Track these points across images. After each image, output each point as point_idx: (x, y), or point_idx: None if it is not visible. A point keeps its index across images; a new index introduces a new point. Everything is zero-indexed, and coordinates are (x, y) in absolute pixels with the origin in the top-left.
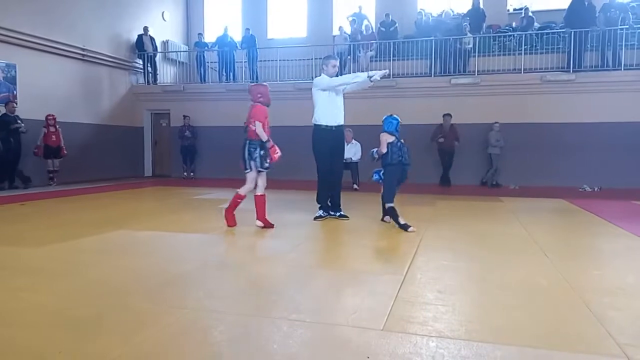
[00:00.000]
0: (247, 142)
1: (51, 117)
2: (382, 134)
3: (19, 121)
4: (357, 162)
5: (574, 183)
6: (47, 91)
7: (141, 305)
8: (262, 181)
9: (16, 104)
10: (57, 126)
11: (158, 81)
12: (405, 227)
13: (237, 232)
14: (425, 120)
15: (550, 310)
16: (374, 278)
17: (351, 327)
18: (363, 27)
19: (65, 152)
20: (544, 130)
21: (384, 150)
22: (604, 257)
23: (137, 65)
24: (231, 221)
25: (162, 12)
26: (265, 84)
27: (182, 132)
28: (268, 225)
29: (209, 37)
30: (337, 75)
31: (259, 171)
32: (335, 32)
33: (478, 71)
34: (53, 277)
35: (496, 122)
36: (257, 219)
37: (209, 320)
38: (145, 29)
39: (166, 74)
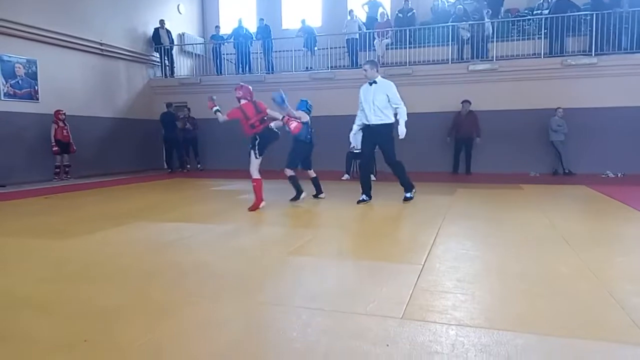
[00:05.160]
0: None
1: (61, 113)
2: (298, 110)
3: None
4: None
5: (596, 169)
6: (67, 85)
7: (163, 295)
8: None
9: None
10: (66, 121)
11: (175, 74)
12: (298, 197)
13: (255, 222)
14: (442, 108)
15: (573, 298)
16: (393, 267)
17: (370, 316)
18: (378, 15)
19: (74, 148)
20: (566, 116)
21: (305, 118)
22: (628, 244)
23: (154, 58)
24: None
25: (178, 5)
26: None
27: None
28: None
29: (225, 29)
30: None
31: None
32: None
33: (496, 57)
34: (78, 268)
35: (559, 108)
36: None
37: (228, 309)
38: (162, 22)
39: (183, 66)
